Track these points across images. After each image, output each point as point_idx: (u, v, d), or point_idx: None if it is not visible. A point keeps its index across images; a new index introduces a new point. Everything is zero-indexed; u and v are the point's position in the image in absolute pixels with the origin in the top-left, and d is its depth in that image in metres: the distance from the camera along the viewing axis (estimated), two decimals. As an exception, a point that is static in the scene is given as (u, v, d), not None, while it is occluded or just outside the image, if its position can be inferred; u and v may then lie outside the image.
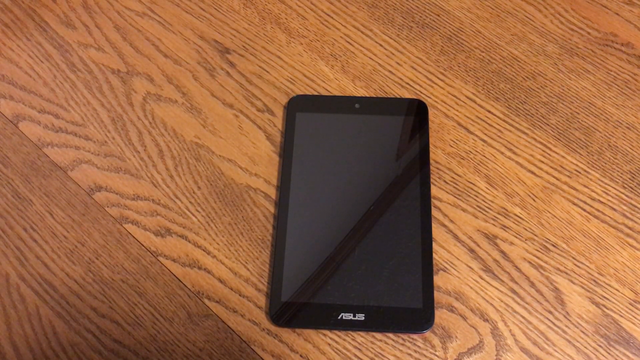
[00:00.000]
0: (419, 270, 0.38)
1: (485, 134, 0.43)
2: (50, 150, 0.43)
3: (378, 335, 0.37)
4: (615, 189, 0.41)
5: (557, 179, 0.42)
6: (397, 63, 0.46)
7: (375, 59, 0.46)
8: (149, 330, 0.38)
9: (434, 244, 0.39)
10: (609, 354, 0.37)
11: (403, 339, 0.37)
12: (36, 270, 0.39)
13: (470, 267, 0.39)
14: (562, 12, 0.48)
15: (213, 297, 0.38)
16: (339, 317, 0.37)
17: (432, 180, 0.42)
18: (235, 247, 0.40)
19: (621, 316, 0.38)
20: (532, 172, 0.42)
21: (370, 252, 0.39)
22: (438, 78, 0.46)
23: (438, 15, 0.48)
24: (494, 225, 0.40)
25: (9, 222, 0.41)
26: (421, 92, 0.45)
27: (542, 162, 0.42)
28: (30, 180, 0.42)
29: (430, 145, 0.43)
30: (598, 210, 0.41)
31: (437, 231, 0.40)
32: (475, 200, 0.41)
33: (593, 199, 0.41)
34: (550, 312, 0.38)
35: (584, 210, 0.41)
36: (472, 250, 0.39)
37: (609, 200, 0.41)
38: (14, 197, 0.42)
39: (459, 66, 0.46)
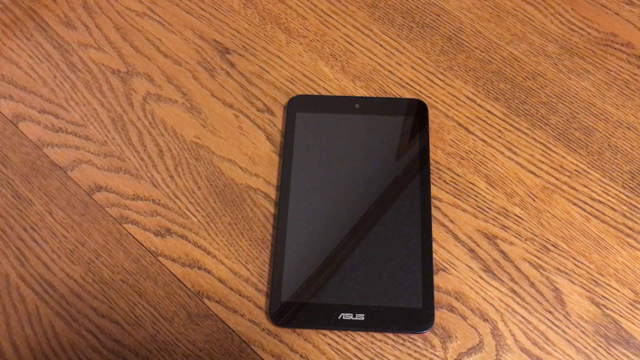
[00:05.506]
0: (419, 270, 0.38)
1: (485, 134, 0.43)
2: (50, 150, 0.43)
3: (378, 335, 0.37)
4: (615, 189, 0.41)
5: (557, 179, 0.42)
6: (397, 63, 0.46)
7: (375, 59, 0.46)
8: (149, 330, 0.38)
9: (434, 244, 0.39)
10: (609, 354, 0.37)
11: (403, 339, 0.37)
12: (36, 270, 0.39)
13: (470, 267, 0.39)
14: (562, 12, 0.48)
15: (213, 297, 0.38)
16: (339, 317, 0.37)
17: (432, 180, 0.42)
18: (235, 247, 0.40)
19: (621, 316, 0.38)
20: (532, 172, 0.42)
21: (370, 252, 0.39)
22: (438, 78, 0.46)
23: (438, 15, 0.48)
24: (494, 225, 0.40)
25: (9, 222, 0.41)
26: (421, 92, 0.45)
27: (542, 162, 0.42)
28: (30, 180, 0.42)
29: (430, 145, 0.43)
30: (598, 210, 0.41)
31: (437, 231, 0.40)
32: (475, 200, 0.41)
33: (593, 199, 0.41)
34: (550, 312, 0.38)
35: (584, 210, 0.41)
36: (472, 250, 0.39)
37: (609, 200, 0.41)
38: (14, 197, 0.42)
39: (459, 66, 0.46)
